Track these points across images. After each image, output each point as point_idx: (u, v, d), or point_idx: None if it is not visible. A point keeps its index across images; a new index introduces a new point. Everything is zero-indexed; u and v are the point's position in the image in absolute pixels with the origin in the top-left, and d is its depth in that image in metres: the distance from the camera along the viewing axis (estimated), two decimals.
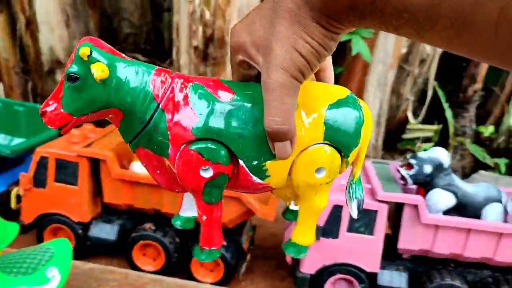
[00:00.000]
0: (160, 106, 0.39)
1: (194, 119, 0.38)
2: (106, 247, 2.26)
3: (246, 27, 0.36)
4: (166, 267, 2.20)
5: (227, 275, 2.17)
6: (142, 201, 2.15)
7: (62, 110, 0.38)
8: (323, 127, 0.39)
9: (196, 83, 0.40)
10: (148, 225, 2.22)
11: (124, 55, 0.40)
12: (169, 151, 0.39)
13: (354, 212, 0.44)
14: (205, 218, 0.42)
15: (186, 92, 0.39)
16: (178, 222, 0.47)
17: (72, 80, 0.37)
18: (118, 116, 0.39)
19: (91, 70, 0.37)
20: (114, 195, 2.18)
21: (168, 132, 0.38)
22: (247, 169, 0.39)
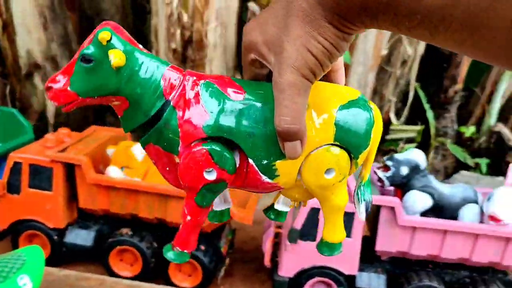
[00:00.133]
0: (171, 103, 0.39)
1: (205, 116, 0.38)
2: (82, 253, 2.23)
3: (259, 26, 0.37)
4: (143, 272, 2.17)
5: (206, 279, 2.15)
6: (119, 206, 2.12)
7: (69, 89, 0.38)
8: (334, 128, 0.39)
9: (208, 81, 0.40)
10: (125, 230, 2.19)
11: (141, 46, 0.40)
12: (179, 148, 0.39)
13: (362, 214, 0.44)
14: (189, 218, 0.41)
15: (198, 89, 0.39)
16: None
17: (86, 62, 0.37)
18: (123, 104, 0.39)
19: (109, 56, 0.37)
20: (90, 201, 2.15)
21: (179, 129, 0.38)
22: (256, 168, 0.39)
